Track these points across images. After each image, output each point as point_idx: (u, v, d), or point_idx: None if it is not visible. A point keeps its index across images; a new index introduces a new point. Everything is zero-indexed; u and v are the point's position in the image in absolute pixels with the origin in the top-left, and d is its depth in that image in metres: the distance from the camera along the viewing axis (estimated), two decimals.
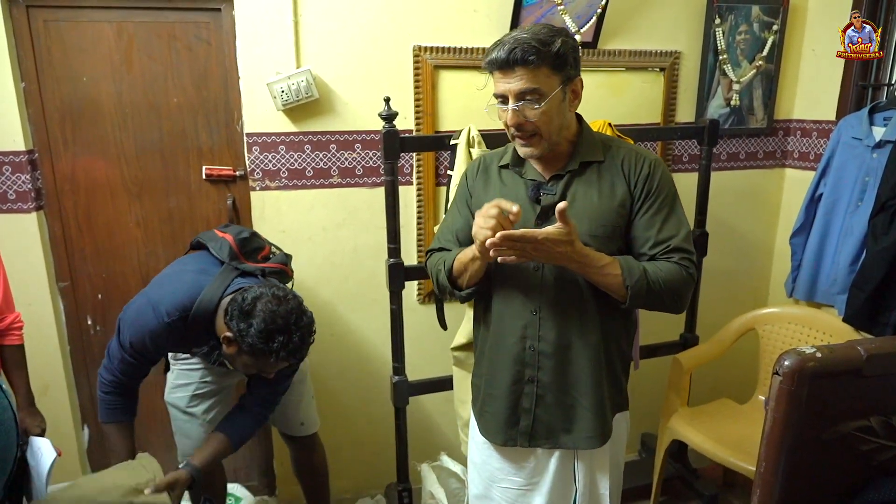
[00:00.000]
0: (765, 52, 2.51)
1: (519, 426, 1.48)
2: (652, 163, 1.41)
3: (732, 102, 2.54)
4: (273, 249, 1.94)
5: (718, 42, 2.44)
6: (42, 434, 1.71)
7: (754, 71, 2.52)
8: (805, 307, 2.48)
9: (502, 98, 1.34)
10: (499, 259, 1.28)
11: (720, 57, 2.46)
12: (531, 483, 1.54)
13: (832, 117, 2.51)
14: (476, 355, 1.60)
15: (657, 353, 2.47)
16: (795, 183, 2.69)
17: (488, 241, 1.24)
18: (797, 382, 1.11)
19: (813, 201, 2.44)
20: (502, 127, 1.39)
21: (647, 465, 2.52)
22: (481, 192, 1.48)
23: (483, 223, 1.26)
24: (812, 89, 2.60)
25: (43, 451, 1.54)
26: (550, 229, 1.25)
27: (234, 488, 2.37)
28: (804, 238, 2.48)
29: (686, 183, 2.54)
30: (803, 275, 2.49)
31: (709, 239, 2.35)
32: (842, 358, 1.12)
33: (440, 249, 1.54)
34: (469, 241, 1.44)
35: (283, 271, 1.89)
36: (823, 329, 2.28)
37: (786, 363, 1.11)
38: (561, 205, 1.23)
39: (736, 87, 2.52)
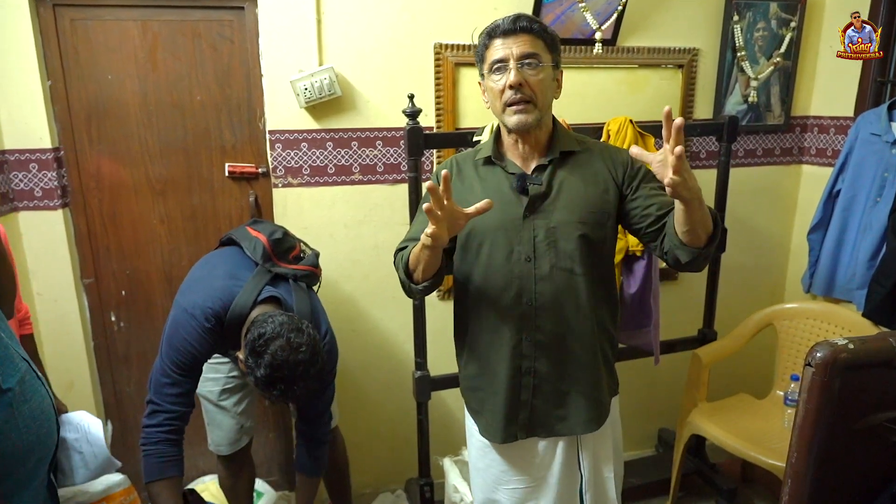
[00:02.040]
0: (782, 49, 2.52)
1: (517, 420, 1.48)
2: (626, 151, 1.44)
3: (750, 99, 2.55)
4: (303, 247, 1.93)
5: (736, 39, 2.45)
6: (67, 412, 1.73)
7: (772, 68, 2.53)
8: (824, 302, 2.49)
9: (500, 64, 1.36)
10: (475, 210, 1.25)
11: (738, 54, 2.47)
12: (537, 479, 1.54)
13: (850, 113, 2.52)
14: (464, 356, 1.58)
15: (676, 349, 2.48)
16: (812, 179, 2.69)
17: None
18: (829, 374, 1.12)
19: (831, 197, 2.45)
20: (493, 112, 1.43)
21: (665, 461, 2.53)
22: (459, 190, 1.45)
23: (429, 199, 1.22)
24: (829, 86, 2.60)
25: (86, 421, 1.57)
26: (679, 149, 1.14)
27: (256, 484, 2.39)
28: (822, 234, 2.49)
29: (704, 179, 2.51)
30: (821, 270, 2.50)
31: (727, 235, 2.36)
32: (874, 349, 1.13)
33: (404, 248, 1.48)
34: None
35: (314, 273, 1.89)
36: (842, 324, 2.29)
37: (818, 355, 1.12)
38: (679, 121, 1.13)
39: (753, 83, 2.53)
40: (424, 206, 1.22)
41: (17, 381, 1.17)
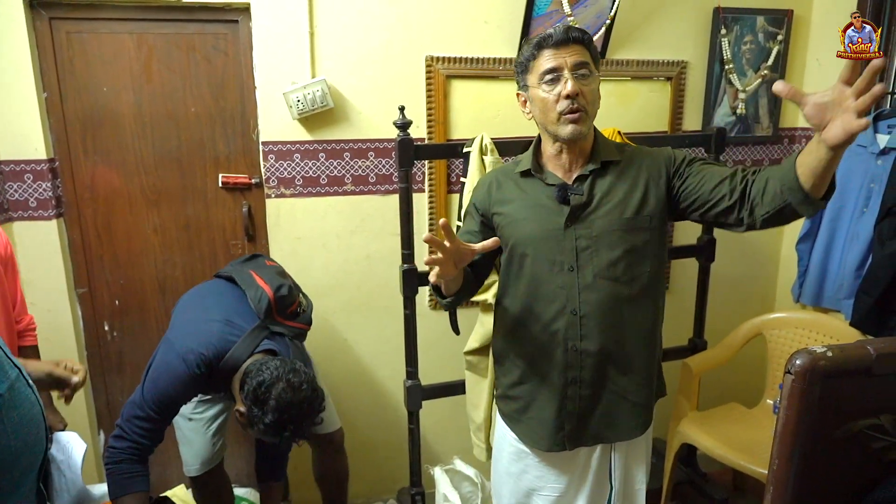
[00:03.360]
0: (770, 62, 2.56)
1: (565, 430, 1.49)
2: (666, 148, 1.52)
3: (738, 111, 2.58)
4: (301, 300, 1.92)
5: (724, 52, 2.49)
6: (64, 429, 1.74)
7: (759, 80, 2.57)
8: (812, 312, 2.51)
9: (553, 74, 1.37)
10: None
11: (726, 66, 2.51)
12: (571, 486, 1.55)
13: None
14: (505, 364, 1.58)
15: (666, 358, 2.46)
16: None
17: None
18: (809, 381, 1.13)
19: None
20: (538, 122, 1.46)
21: (657, 470, 2.53)
22: (500, 208, 1.50)
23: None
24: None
25: (72, 444, 1.57)
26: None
27: (246, 493, 2.40)
28: (810, 244, 2.52)
29: None
30: (810, 280, 2.52)
31: (717, 245, 2.38)
32: (852, 357, 1.15)
33: None
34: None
35: (306, 331, 1.91)
36: (830, 333, 2.31)
37: (797, 362, 1.14)
38: (878, 62, 1.12)
39: (742, 95, 2.56)
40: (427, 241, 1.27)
41: (6, 387, 1.17)
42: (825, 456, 1.20)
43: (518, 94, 1.49)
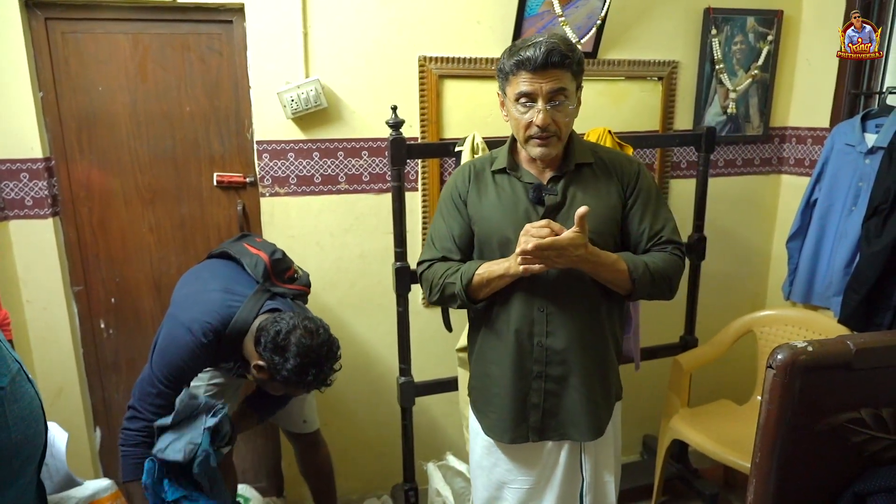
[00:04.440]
0: (760, 62, 2.58)
1: (528, 421, 1.52)
2: (638, 164, 1.54)
3: (729, 110, 2.60)
4: (296, 268, 1.97)
5: (715, 52, 2.51)
6: None
7: (750, 80, 2.59)
8: (802, 309, 2.53)
9: (527, 98, 1.38)
10: (522, 269, 1.35)
11: (717, 66, 2.53)
12: (541, 479, 1.57)
13: (826, 124, 2.58)
14: (474, 356, 1.62)
15: (657, 355, 2.52)
16: (791, 188, 2.75)
17: (521, 251, 1.32)
18: (790, 375, 1.15)
19: (808, 206, 2.50)
20: (512, 130, 1.47)
21: (649, 466, 2.57)
22: (475, 198, 1.52)
23: (535, 233, 1.32)
24: (806, 97, 2.66)
25: (53, 433, 1.59)
26: (572, 234, 1.31)
27: (243, 489, 2.42)
28: (800, 242, 2.54)
29: (684, 189, 2.60)
30: (800, 278, 2.55)
31: (707, 243, 2.41)
32: (832, 352, 1.17)
33: (443, 259, 1.54)
34: (468, 247, 1.53)
35: (307, 293, 1.96)
36: (819, 330, 2.33)
37: (779, 357, 1.16)
38: (582, 209, 1.30)
39: (732, 95, 2.59)
40: (541, 233, 1.32)
41: (8, 381, 1.20)
42: (806, 449, 1.22)
43: (498, 94, 1.50)
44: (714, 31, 2.49)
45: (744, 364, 2.70)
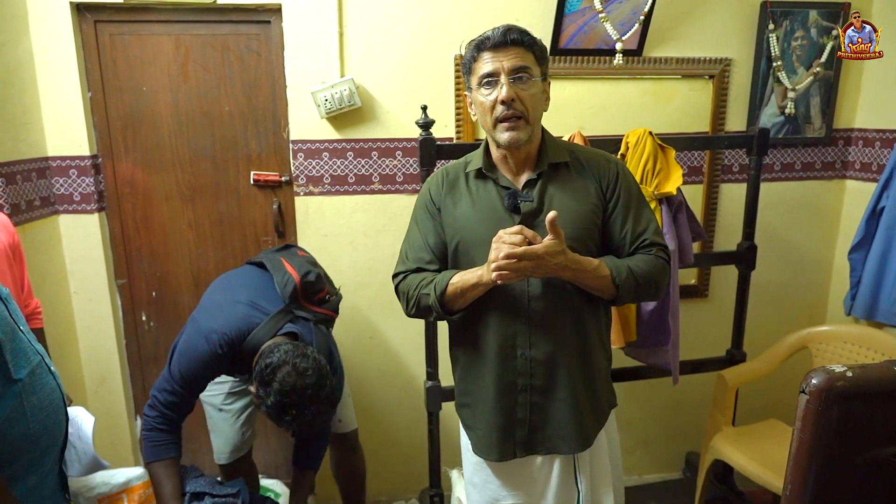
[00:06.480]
0: (823, 59, 2.40)
1: (515, 437, 1.45)
2: (617, 163, 1.47)
3: (787, 111, 2.44)
4: (329, 290, 1.93)
5: (772, 48, 2.35)
6: (70, 405, 1.82)
7: (811, 78, 2.42)
8: (864, 326, 2.34)
9: (490, 78, 1.34)
10: (499, 281, 1.28)
11: (774, 64, 2.37)
12: (534, 496, 1.51)
13: None
14: (458, 373, 1.56)
15: (702, 369, 2.38)
16: (857, 195, 2.55)
17: (494, 265, 1.25)
18: (825, 402, 1.06)
19: (874, 214, 2.31)
20: (480, 123, 1.43)
21: (690, 485, 2.43)
22: (450, 205, 1.45)
23: (508, 240, 1.26)
24: (876, 97, 2.46)
25: (81, 417, 1.66)
26: (547, 242, 1.26)
27: (273, 484, 2.44)
28: (864, 253, 2.35)
29: (736, 193, 2.46)
30: (863, 292, 2.36)
31: (761, 252, 2.27)
32: (875, 378, 1.07)
33: (417, 270, 1.47)
34: (444, 256, 1.46)
35: (333, 318, 1.92)
36: (882, 350, 2.15)
37: (813, 381, 1.07)
38: (551, 215, 1.24)
39: (791, 94, 2.42)
40: (514, 239, 1.26)
41: (27, 372, 1.23)
42: (845, 482, 1.12)
43: (465, 95, 1.45)
44: (771, 26, 2.33)
45: (797, 382, 2.50)
